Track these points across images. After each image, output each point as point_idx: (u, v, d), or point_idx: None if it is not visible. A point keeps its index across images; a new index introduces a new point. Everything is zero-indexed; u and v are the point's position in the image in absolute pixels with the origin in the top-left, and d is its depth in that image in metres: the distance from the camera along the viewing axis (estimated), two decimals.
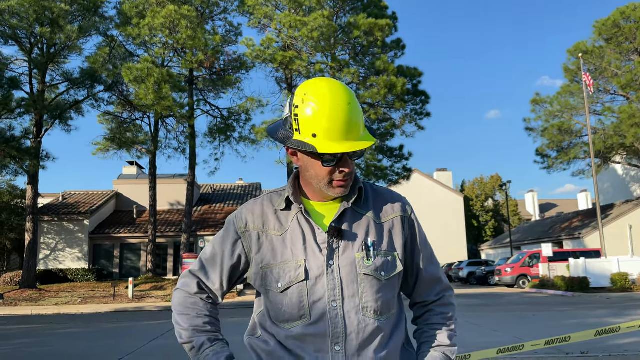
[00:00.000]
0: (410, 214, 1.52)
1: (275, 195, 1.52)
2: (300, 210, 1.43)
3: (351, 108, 1.32)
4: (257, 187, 37.67)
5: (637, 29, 27.03)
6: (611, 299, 19.06)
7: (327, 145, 1.30)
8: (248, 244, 1.44)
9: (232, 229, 1.48)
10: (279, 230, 1.43)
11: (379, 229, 1.44)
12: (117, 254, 29.80)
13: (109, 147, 27.19)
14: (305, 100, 1.32)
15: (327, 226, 1.40)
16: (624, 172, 38.65)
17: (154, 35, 23.90)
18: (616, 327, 3.56)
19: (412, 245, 1.51)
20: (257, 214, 1.46)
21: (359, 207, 1.47)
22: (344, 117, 1.29)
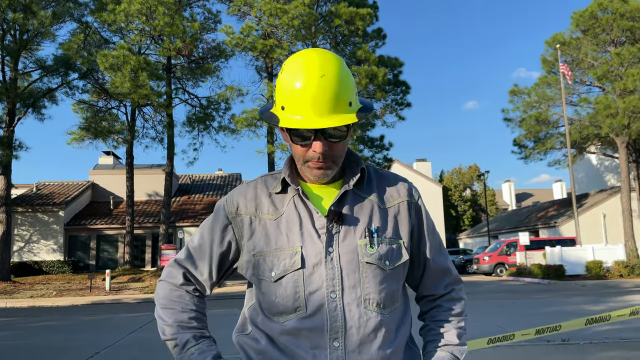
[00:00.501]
0: (417, 199, 1.42)
1: (270, 178, 1.42)
2: (297, 193, 1.33)
3: (325, 81, 1.19)
4: (237, 177, 37.36)
5: (614, 20, 27.36)
6: (586, 286, 19.43)
7: (290, 119, 1.22)
8: (239, 229, 1.34)
9: (221, 214, 1.37)
10: (274, 215, 1.32)
11: (383, 214, 1.34)
12: (93, 245, 29.29)
13: (84, 136, 26.56)
14: (283, 69, 1.25)
15: (326, 210, 1.31)
16: (598, 162, 39.37)
17: (130, 22, 23.35)
18: (606, 315, 3.55)
19: (418, 233, 1.40)
20: (249, 197, 1.36)
21: (361, 189, 1.36)
22: (313, 90, 1.18)
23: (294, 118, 1.21)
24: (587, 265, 23.18)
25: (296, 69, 1.21)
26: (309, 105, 1.19)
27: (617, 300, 13.48)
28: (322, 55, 1.23)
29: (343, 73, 1.22)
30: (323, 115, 1.20)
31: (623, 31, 27.88)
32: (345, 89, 1.23)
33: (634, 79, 26.06)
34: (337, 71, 1.21)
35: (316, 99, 1.18)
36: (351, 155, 1.43)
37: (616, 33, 28.00)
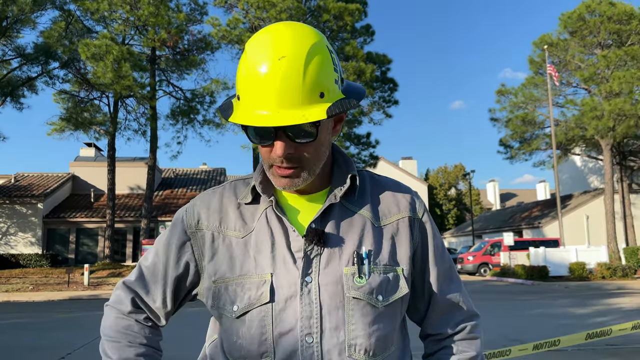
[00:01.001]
0: (422, 215, 1.14)
1: (241, 184, 1.16)
2: (270, 205, 1.08)
3: (284, 65, 0.92)
4: (222, 172, 36.91)
5: (601, 22, 27.46)
6: (569, 287, 19.44)
7: (239, 113, 0.98)
8: (199, 247, 1.10)
9: (179, 227, 1.13)
10: (241, 231, 1.08)
11: (377, 233, 1.08)
12: (72, 239, 28.67)
13: (64, 127, 25.94)
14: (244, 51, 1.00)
15: (304, 227, 1.06)
16: (583, 163, 39.66)
17: (114, 11, 22.80)
18: (607, 329, 3.34)
19: (423, 258, 1.13)
20: (213, 207, 1.12)
21: (352, 202, 1.10)
22: (266, 76, 0.93)
23: (244, 112, 0.97)
24: (570, 267, 23.26)
25: (253, 48, 0.96)
26: (261, 95, 0.94)
27: (602, 303, 13.43)
28: (286, 32, 0.96)
29: (314, 54, 0.94)
30: (279, 109, 0.94)
31: (610, 34, 28.02)
32: (316, 75, 0.94)
33: (620, 82, 26.19)
34: (302, 52, 0.93)
35: (269, 88, 0.93)
36: (340, 156, 1.16)
37: (603, 35, 28.12)
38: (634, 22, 27.39)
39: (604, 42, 28.66)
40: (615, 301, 13.80)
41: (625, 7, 27.34)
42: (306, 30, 0.97)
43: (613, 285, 19.95)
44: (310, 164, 1.02)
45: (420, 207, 1.15)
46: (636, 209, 33.88)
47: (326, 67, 0.96)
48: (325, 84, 0.96)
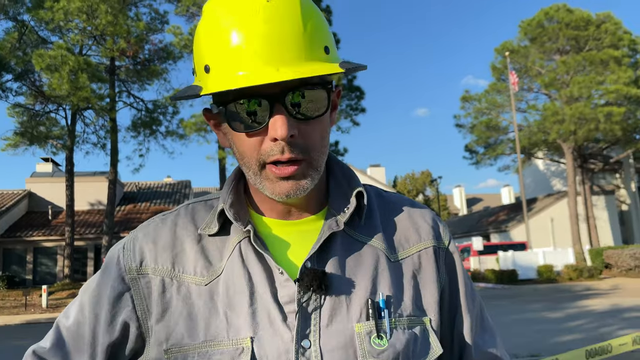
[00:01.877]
0: (448, 243, 0.84)
1: (202, 208, 0.84)
2: (246, 237, 0.77)
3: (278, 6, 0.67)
4: (187, 184, 36.09)
5: (560, 29, 28.12)
6: (539, 290, 19.61)
7: (222, 80, 0.68)
8: (143, 301, 0.78)
9: (114, 272, 0.80)
10: (204, 275, 0.77)
11: (395, 271, 0.79)
12: (30, 259, 27.41)
13: (19, 142, 24.82)
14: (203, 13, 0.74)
15: (297, 267, 0.75)
16: (545, 167, 40.52)
17: (70, 20, 21.97)
18: (607, 345, 3.08)
19: (451, 302, 0.83)
20: (163, 243, 0.80)
21: (358, 229, 0.80)
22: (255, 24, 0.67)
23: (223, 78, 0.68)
24: (538, 270, 23.51)
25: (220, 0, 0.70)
26: (247, 51, 0.67)
27: (573, 305, 13.48)
28: None
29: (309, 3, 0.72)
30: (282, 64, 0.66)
31: (568, 40, 28.72)
32: (317, 25, 0.70)
33: (579, 87, 26.82)
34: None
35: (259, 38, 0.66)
36: (337, 166, 0.84)
37: (562, 42, 28.81)
38: (591, 28, 28.15)
39: (562, 48, 29.36)
40: (585, 303, 13.88)
41: (582, 13, 28.10)
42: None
43: (581, 287, 20.20)
44: (318, 157, 0.74)
45: (445, 232, 0.86)
46: (598, 210, 34.71)
47: (323, 19, 0.73)
48: (328, 37, 0.73)
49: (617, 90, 26.51)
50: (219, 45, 0.68)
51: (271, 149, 0.70)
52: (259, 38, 0.66)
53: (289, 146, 0.69)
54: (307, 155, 0.72)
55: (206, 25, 0.71)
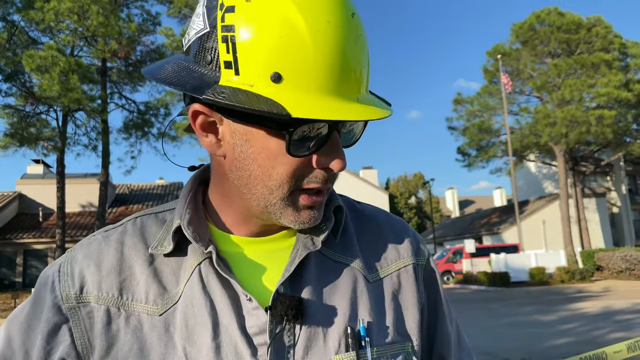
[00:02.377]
0: (426, 259, 0.81)
1: (152, 222, 0.74)
2: (207, 257, 0.68)
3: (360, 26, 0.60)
4: (179, 186, 35.94)
5: (551, 32, 28.26)
6: (531, 292, 19.63)
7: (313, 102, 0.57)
8: (84, 334, 0.67)
9: (48, 300, 0.68)
10: (158, 303, 0.67)
11: (374, 292, 0.72)
12: (19, 261, 27.15)
13: (9, 143, 24.56)
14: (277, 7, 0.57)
15: (269, 292, 0.67)
16: (537, 169, 40.70)
17: (61, 21, 21.81)
18: (601, 352, 3.05)
19: (430, 321, 0.79)
20: (108, 265, 0.69)
21: (333, 247, 0.73)
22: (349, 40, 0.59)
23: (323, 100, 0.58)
24: (530, 272, 23.57)
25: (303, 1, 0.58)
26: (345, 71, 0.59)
27: (566, 308, 13.50)
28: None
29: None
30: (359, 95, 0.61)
31: (559, 43, 28.87)
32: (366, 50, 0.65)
33: (570, 90, 26.96)
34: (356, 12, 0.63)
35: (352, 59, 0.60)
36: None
37: (553, 45, 28.95)
38: (582, 31, 28.31)
39: (554, 51, 29.50)
40: (578, 306, 13.90)
41: (573, 17, 28.26)
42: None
43: (573, 289, 20.27)
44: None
45: (423, 248, 0.81)
46: (589, 212, 34.90)
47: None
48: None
49: (608, 93, 26.68)
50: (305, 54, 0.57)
51: (315, 176, 0.64)
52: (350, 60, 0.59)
53: (332, 176, 0.66)
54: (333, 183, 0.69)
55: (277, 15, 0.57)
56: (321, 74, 0.57)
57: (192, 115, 0.66)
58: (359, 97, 0.60)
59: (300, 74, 0.57)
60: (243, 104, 0.56)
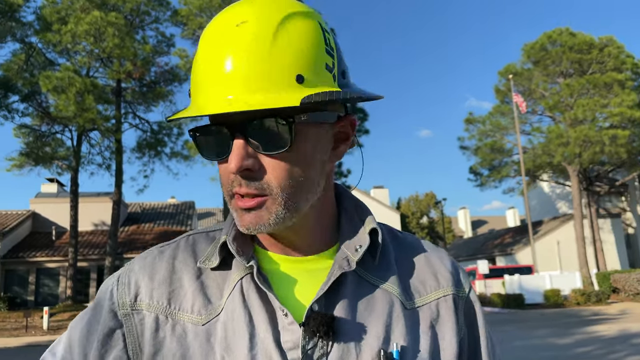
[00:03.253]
0: (468, 291, 0.79)
1: (203, 240, 0.79)
2: (248, 273, 0.71)
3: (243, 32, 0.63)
4: (191, 205, 36.11)
5: (563, 52, 28.28)
6: (545, 315, 19.31)
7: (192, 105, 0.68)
8: (135, 339, 0.72)
9: (106, 307, 0.74)
10: (202, 314, 0.71)
11: (411, 319, 0.72)
12: (32, 279, 27.28)
13: (24, 162, 24.93)
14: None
15: (303, 308, 0.69)
16: (550, 189, 40.33)
17: (77, 43, 22.28)
18: None
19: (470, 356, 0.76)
20: (160, 276, 0.74)
21: (371, 270, 0.74)
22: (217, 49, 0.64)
23: (193, 104, 0.68)
24: (545, 294, 23.21)
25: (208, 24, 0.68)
26: (207, 79, 0.65)
27: (581, 331, 13.24)
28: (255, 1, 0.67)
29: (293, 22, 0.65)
30: (232, 95, 0.63)
31: (572, 63, 28.86)
32: (293, 49, 0.64)
33: (583, 109, 26.85)
34: (274, 17, 0.64)
35: (218, 64, 0.64)
36: (349, 201, 0.79)
37: (565, 65, 28.94)
38: (594, 51, 28.30)
39: (566, 71, 29.48)
40: (594, 329, 13.63)
41: (585, 37, 28.28)
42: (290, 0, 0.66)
43: (588, 312, 19.90)
44: (284, 191, 0.67)
45: (465, 280, 0.80)
46: (604, 233, 34.41)
47: (311, 43, 0.65)
48: (308, 64, 0.64)
49: (621, 113, 26.52)
50: (193, 71, 0.68)
51: (232, 180, 0.67)
52: (217, 64, 0.63)
53: (245, 180, 0.66)
54: (268, 190, 0.66)
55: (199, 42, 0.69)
56: (197, 82, 0.66)
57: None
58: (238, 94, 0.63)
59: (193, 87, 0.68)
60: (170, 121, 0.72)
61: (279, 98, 0.61)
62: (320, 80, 0.66)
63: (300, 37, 0.64)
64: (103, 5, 22.62)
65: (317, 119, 0.68)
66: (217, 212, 45.75)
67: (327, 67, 0.67)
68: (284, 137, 0.64)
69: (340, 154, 0.75)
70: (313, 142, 0.68)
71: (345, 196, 0.80)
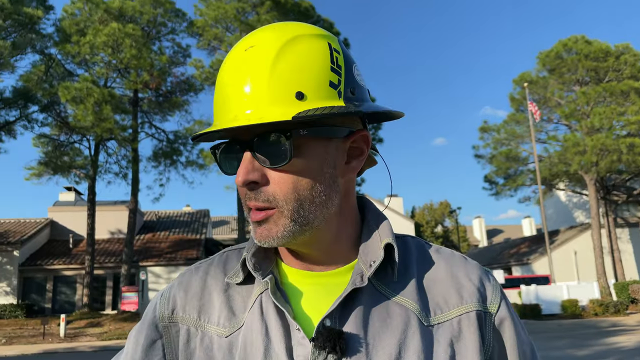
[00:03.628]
0: (497, 307, 0.76)
1: (234, 256, 0.83)
2: (266, 288, 0.74)
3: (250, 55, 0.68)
4: (205, 213, 36.29)
5: (579, 60, 28.03)
6: (563, 326, 19.03)
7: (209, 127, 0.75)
8: (173, 350, 0.78)
9: (149, 319, 0.81)
10: (226, 327, 0.74)
11: (427, 337, 0.71)
12: (49, 287, 27.57)
13: (43, 171, 25.34)
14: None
15: (315, 324, 0.71)
16: (567, 198, 39.84)
17: (95, 54, 22.66)
18: None
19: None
20: (193, 291, 0.80)
21: (390, 284, 0.74)
22: (228, 73, 0.70)
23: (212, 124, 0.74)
24: (562, 304, 22.88)
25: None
26: (223, 97, 0.70)
27: (600, 342, 13.02)
28: (268, 26, 0.73)
29: (298, 43, 0.69)
30: (237, 113, 0.68)
31: (588, 71, 28.59)
32: (293, 68, 0.67)
33: (600, 118, 26.56)
34: (278, 40, 0.69)
35: (232, 84, 0.69)
36: (372, 215, 0.80)
37: (581, 73, 28.68)
38: (610, 59, 28.02)
39: (582, 79, 29.21)
40: (613, 340, 13.40)
41: (601, 45, 28.02)
42: (302, 25, 0.70)
43: (607, 323, 19.56)
44: (290, 204, 0.69)
45: (494, 294, 0.77)
46: (622, 243, 33.87)
47: (315, 61, 0.69)
48: (309, 81, 0.68)
49: (638, 121, 26.17)
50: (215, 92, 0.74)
51: (246, 193, 0.71)
52: (227, 85, 0.69)
53: (252, 193, 0.70)
54: (274, 202, 0.69)
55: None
56: (215, 104, 0.73)
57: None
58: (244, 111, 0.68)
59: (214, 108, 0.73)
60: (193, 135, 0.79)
61: (272, 113, 0.65)
62: (323, 97, 0.68)
63: (302, 56, 0.68)
64: (121, 17, 23.02)
65: (320, 133, 0.70)
66: (231, 221, 45.91)
67: (332, 84, 0.69)
68: (284, 151, 0.67)
69: (353, 169, 0.76)
70: (318, 156, 0.70)
71: (368, 209, 0.81)
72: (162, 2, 24.29)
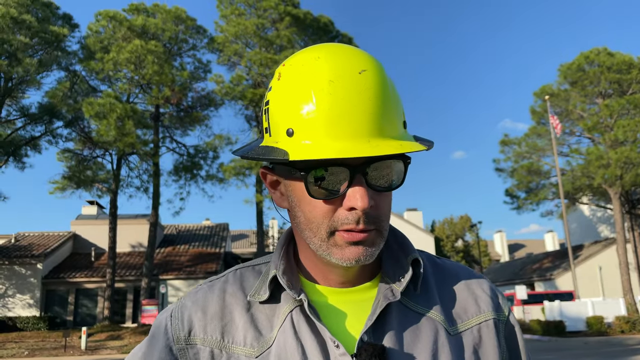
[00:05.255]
0: (507, 315, 0.82)
1: (250, 274, 0.82)
2: (298, 305, 0.75)
3: (368, 79, 0.67)
4: (225, 227, 36.51)
5: (601, 73, 27.67)
6: (589, 343, 18.55)
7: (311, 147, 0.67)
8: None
9: (161, 342, 0.78)
10: (254, 347, 0.74)
11: (455, 345, 0.74)
12: (71, 300, 27.92)
13: (66, 185, 25.82)
14: (282, 74, 0.72)
15: (354, 339, 0.72)
16: (591, 213, 39.10)
17: (119, 70, 23.16)
18: None
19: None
20: (212, 311, 0.78)
21: (414, 299, 0.76)
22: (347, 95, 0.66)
23: (321, 142, 0.66)
24: (587, 321, 22.34)
25: (314, 65, 0.68)
26: (346, 119, 0.66)
27: None
28: (351, 48, 0.72)
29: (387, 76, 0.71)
30: (368, 137, 0.66)
31: (610, 83, 28.18)
32: (398, 99, 0.72)
33: (624, 130, 26.11)
34: (381, 67, 0.70)
35: (357, 108, 0.66)
36: (390, 232, 0.80)
37: (604, 85, 28.28)
38: (634, 71, 27.60)
39: (605, 91, 28.79)
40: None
41: (624, 57, 27.64)
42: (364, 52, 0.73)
43: (634, 340, 19.03)
44: (387, 225, 0.73)
45: (504, 303, 0.82)
46: None
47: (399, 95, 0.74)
48: (403, 111, 0.74)
49: None
50: (309, 110, 0.67)
51: (346, 217, 0.68)
52: (349, 107, 0.66)
53: (365, 216, 0.68)
54: (378, 225, 0.70)
55: (293, 86, 0.69)
56: (322, 124, 0.66)
57: (261, 175, 0.78)
58: (371, 138, 0.66)
59: (307, 127, 0.67)
60: (259, 155, 0.70)
61: (411, 144, 0.67)
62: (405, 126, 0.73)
63: (393, 87, 0.72)
64: (143, 34, 23.51)
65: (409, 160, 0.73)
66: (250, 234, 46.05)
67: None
68: (400, 176, 0.70)
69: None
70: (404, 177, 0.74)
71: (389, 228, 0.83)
72: (184, 19, 24.77)
